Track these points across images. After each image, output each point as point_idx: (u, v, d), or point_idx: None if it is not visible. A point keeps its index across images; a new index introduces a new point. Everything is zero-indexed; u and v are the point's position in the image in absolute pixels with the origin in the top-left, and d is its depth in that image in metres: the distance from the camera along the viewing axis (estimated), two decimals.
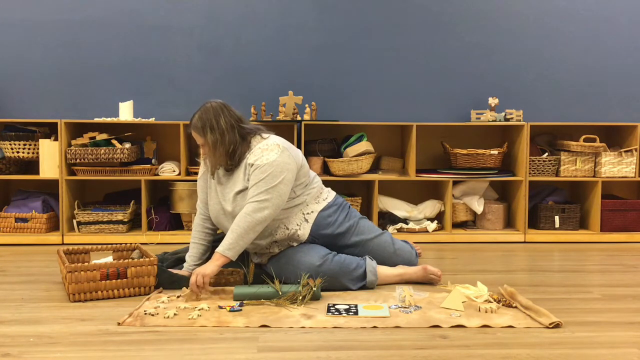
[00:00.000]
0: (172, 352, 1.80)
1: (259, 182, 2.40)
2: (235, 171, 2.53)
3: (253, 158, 2.46)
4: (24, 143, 3.70)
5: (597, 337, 1.94)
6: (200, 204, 2.72)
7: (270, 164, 2.41)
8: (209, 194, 2.66)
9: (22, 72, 3.97)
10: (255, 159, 2.45)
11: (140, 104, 3.97)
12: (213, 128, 2.48)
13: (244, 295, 2.32)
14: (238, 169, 2.52)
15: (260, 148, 2.48)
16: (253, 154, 2.48)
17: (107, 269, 2.37)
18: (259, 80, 4.05)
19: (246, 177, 2.48)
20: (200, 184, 2.72)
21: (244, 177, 2.49)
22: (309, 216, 2.58)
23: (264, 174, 2.40)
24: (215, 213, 2.60)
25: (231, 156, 2.49)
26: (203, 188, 2.70)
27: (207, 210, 2.69)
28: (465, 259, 3.25)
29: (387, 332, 1.99)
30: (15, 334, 1.95)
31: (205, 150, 2.53)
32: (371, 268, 2.53)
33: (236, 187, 2.50)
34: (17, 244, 3.61)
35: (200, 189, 2.71)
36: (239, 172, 2.52)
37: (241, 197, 2.48)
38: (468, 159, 3.84)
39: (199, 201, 2.73)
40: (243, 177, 2.49)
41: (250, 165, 2.46)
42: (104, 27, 3.99)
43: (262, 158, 2.44)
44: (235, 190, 2.49)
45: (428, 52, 4.12)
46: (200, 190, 2.71)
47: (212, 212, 2.62)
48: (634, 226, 3.84)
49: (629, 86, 4.18)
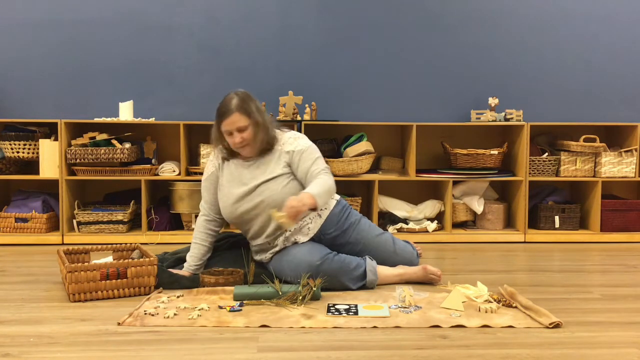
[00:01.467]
0: (172, 352, 1.80)
1: (316, 160, 2.56)
2: (264, 158, 2.57)
3: (290, 146, 2.58)
4: (24, 143, 3.70)
5: (597, 337, 1.94)
6: (204, 204, 2.70)
7: (311, 147, 2.60)
8: (224, 183, 2.61)
9: (22, 72, 3.98)
10: (293, 147, 2.58)
11: (140, 104, 3.97)
12: (259, 110, 2.56)
13: (244, 295, 2.32)
14: (268, 157, 2.57)
15: (291, 137, 2.62)
16: (288, 143, 2.59)
17: (107, 269, 2.36)
18: (259, 80, 4.05)
19: (281, 164, 2.55)
20: (206, 185, 2.69)
21: (279, 165, 2.55)
22: (322, 212, 2.62)
23: (313, 154, 2.57)
24: (233, 199, 2.55)
25: (270, 139, 2.57)
26: (209, 189, 2.68)
27: (211, 211, 2.67)
28: (465, 259, 3.25)
29: (387, 332, 1.99)
30: (15, 334, 1.95)
31: (246, 134, 2.51)
32: (371, 268, 2.53)
33: (270, 173, 2.54)
34: (17, 244, 3.61)
35: (206, 190, 2.69)
36: (269, 159, 2.57)
37: (273, 182, 2.52)
38: (468, 159, 3.84)
39: (203, 202, 2.71)
40: (277, 165, 2.55)
41: (288, 153, 2.57)
42: (104, 27, 3.99)
43: (299, 144, 2.58)
44: (270, 176, 2.53)
45: (428, 52, 4.12)
46: (206, 191, 2.69)
47: (229, 199, 2.56)
48: (634, 226, 3.84)
49: (629, 86, 4.18)
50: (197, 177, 3.75)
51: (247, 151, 2.56)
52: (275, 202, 2.48)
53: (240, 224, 2.63)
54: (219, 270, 2.59)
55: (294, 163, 2.56)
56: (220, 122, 2.51)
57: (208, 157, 3.72)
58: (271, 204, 2.48)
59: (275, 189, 2.51)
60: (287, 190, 2.52)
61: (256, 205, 2.52)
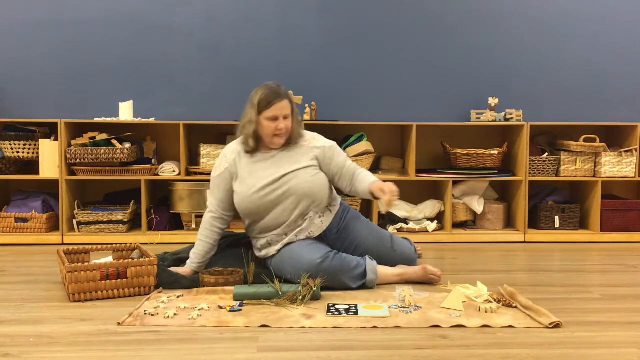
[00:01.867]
0: (172, 352, 1.80)
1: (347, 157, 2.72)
2: (287, 151, 2.63)
3: (318, 143, 2.69)
4: (24, 143, 3.70)
5: (597, 337, 1.94)
6: (213, 201, 2.67)
7: (336, 145, 2.73)
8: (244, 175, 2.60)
9: (22, 72, 3.98)
10: (322, 143, 2.69)
11: (140, 104, 3.97)
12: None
13: (244, 295, 2.32)
14: (296, 150, 2.64)
15: (315, 136, 2.73)
16: (314, 139, 2.70)
17: (107, 269, 2.36)
18: (259, 80, 3.99)
19: (309, 157, 2.63)
20: (217, 182, 2.66)
21: (307, 157, 2.63)
22: (332, 208, 2.70)
23: (342, 152, 2.71)
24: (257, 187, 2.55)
25: (300, 133, 2.67)
26: (220, 186, 2.65)
27: (219, 208, 2.65)
28: (465, 259, 3.25)
29: (387, 332, 1.99)
30: (15, 334, 1.95)
31: (288, 122, 2.58)
32: (371, 267, 2.53)
33: (299, 164, 2.60)
34: (17, 244, 3.61)
35: (216, 186, 2.66)
36: (296, 152, 2.64)
37: (302, 172, 2.58)
38: (468, 159, 3.84)
39: (212, 199, 2.68)
40: (305, 157, 2.63)
41: (318, 148, 2.66)
42: (104, 27, 3.99)
43: (327, 141, 2.71)
44: (299, 166, 2.59)
45: (428, 52, 4.12)
46: (216, 188, 2.66)
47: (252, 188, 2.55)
48: (634, 226, 3.84)
49: (629, 86, 4.18)
50: (197, 177, 3.75)
51: (281, 140, 2.60)
52: (303, 189, 2.55)
53: (257, 214, 2.60)
54: (219, 270, 2.59)
55: (327, 158, 2.66)
56: (268, 106, 2.53)
57: (208, 157, 3.73)
58: (298, 192, 2.54)
59: (304, 178, 2.57)
60: (314, 179, 2.59)
61: (284, 193, 2.54)
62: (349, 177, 2.66)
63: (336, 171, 2.66)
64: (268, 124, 2.55)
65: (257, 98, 2.57)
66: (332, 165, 2.65)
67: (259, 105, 2.55)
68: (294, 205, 2.56)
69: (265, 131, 2.57)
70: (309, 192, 2.56)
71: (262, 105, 2.55)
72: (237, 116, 3.91)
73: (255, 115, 2.57)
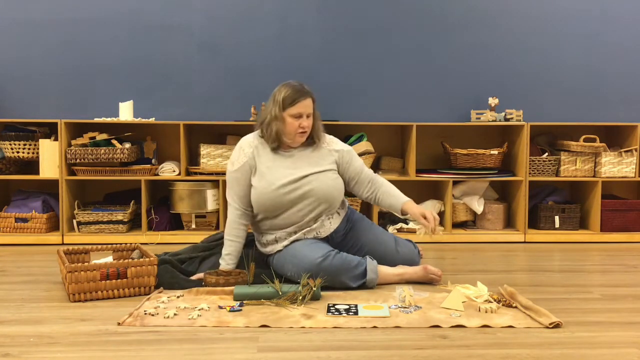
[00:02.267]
0: (172, 352, 1.80)
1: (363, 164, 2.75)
2: (306, 151, 2.64)
3: (337, 146, 2.71)
4: (24, 143, 3.70)
5: (597, 337, 1.94)
6: (235, 197, 2.60)
7: (353, 151, 2.75)
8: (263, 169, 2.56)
9: (22, 72, 3.98)
10: (340, 146, 2.71)
11: (140, 104, 3.97)
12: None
13: (244, 295, 2.32)
14: (315, 151, 2.65)
15: (333, 138, 2.75)
16: (333, 142, 2.72)
17: (107, 269, 2.36)
18: (259, 80, 4.05)
19: (330, 160, 2.65)
20: (236, 176, 2.59)
21: (327, 160, 2.65)
22: (342, 212, 2.73)
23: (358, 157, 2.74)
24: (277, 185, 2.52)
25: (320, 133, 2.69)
26: (240, 180, 2.58)
27: (242, 204, 2.60)
28: (465, 259, 3.25)
29: (387, 332, 1.99)
30: (15, 334, 1.95)
31: (310, 120, 2.59)
32: (372, 267, 2.54)
33: (321, 166, 2.61)
34: (17, 244, 3.61)
35: (236, 181, 2.59)
36: (316, 154, 2.65)
37: (323, 175, 2.59)
38: (468, 159, 3.84)
39: (233, 195, 2.61)
40: (326, 160, 2.65)
41: (337, 151, 2.68)
42: (104, 27, 3.99)
43: (345, 145, 2.73)
44: (320, 169, 2.61)
45: (428, 52, 4.12)
46: (236, 183, 2.59)
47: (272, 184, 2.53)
48: (634, 226, 3.84)
49: (629, 86, 4.18)
50: (197, 177, 3.75)
51: (302, 139, 2.61)
52: (323, 192, 2.58)
53: (273, 211, 2.57)
54: (226, 270, 2.57)
55: (345, 162, 2.68)
56: (293, 103, 2.54)
57: (208, 157, 3.73)
58: (319, 194, 2.56)
59: (325, 181, 2.59)
60: (335, 183, 2.62)
61: (304, 193, 2.55)
62: (366, 184, 2.72)
63: (353, 176, 2.69)
64: (292, 121, 2.55)
65: (282, 95, 2.55)
66: (350, 170, 2.68)
67: (284, 102, 2.54)
68: (311, 207, 2.57)
69: (288, 128, 2.56)
70: (329, 196, 2.59)
71: (286, 102, 2.54)
72: (237, 116, 3.97)
73: (278, 112, 2.55)
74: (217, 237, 2.97)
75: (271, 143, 2.60)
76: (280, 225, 2.60)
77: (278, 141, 2.59)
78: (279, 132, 2.57)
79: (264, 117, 2.62)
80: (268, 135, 2.59)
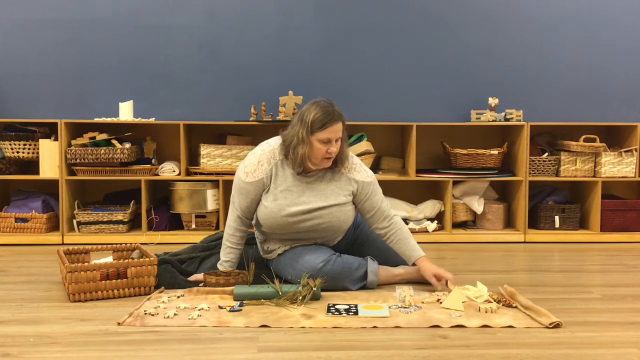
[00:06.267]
0: (172, 352, 1.80)
1: (382, 195, 2.59)
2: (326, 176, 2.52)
3: (359, 175, 2.55)
4: (24, 143, 3.70)
5: (597, 337, 1.94)
6: (239, 206, 2.52)
7: (375, 178, 2.60)
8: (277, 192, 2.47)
9: (22, 72, 3.98)
10: (362, 177, 2.55)
11: (140, 104, 3.97)
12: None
13: (244, 295, 2.32)
14: (334, 178, 2.53)
15: (357, 163, 2.58)
16: (355, 170, 2.55)
17: (107, 269, 2.36)
18: (259, 80, 4.05)
19: (347, 191, 2.53)
20: (248, 189, 2.49)
21: (344, 191, 2.52)
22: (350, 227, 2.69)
23: (378, 186, 2.59)
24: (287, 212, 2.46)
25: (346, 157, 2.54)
26: (250, 194, 2.49)
27: (245, 213, 2.54)
28: (465, 259, 3.25)
29: (387, 332, 1.99)
30: (15, 334, 1.95)
31: (338, 145, 2.44)
32: (372, 268, 2.53)
33: (336, 199, 2.51)
34: (17, 244, 3.61)
35: (245, 194, 2.50)
36: (334, 182, 2.52)
37: (337, 210, 2.51)
38: (468, 159, 3.84)
39: (239, 203, 2.52)
40: (343, 191, 2.52)
41: (357, 182, 2.53)
42: (104, 27, 3.99)
43: (368, 175, 2.57)
44: (335, 202, 2.50)
45: (428, 52, 4.12)
46: (244, 196, 2.50)
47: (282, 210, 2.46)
48: (634, 226, 3.84)
49: (629, 86, 4.18)
50: (197, 177, 3.75)
51: (329, 163, 2.46)
52: (332, 225, 2.53)
53: (280, 233, 2.55)
54: (227, 271, 2.57)
55: (363, 194, 2.54)
56: (322, 128, 2.37)
57: (208, 157, 3.73)
58: (327, 227, 2.52)
59: (337, 216, 2.51)
60: (347, 216, 2.55)
61: (314, 225, 2.50)
62: (380, 220, 2.56)
63: (369, 209, 2.56)
64: (319, 147, 2.39)
65: (311, 117, 2.38)
66: (367, 204, 2.55)
67: (312, 125, 2.37)
68: (319, 235, 2.56)
69: (315, 153, 2.40)
70: (339, 229, 2.57)
71: (315, 125, 2.37)
72: (237, 116, 3.97)
73: (306, 135, 2.38)
74: (217, 236, 2.97)
75: (297, 168, 2.46)
76: (285, 240, 2.59)
77: (303, 166, 2.45)
78: (304, 157, 2.41)
79: (290, 139, 2.44)
80: (293, 159, 2.45)
